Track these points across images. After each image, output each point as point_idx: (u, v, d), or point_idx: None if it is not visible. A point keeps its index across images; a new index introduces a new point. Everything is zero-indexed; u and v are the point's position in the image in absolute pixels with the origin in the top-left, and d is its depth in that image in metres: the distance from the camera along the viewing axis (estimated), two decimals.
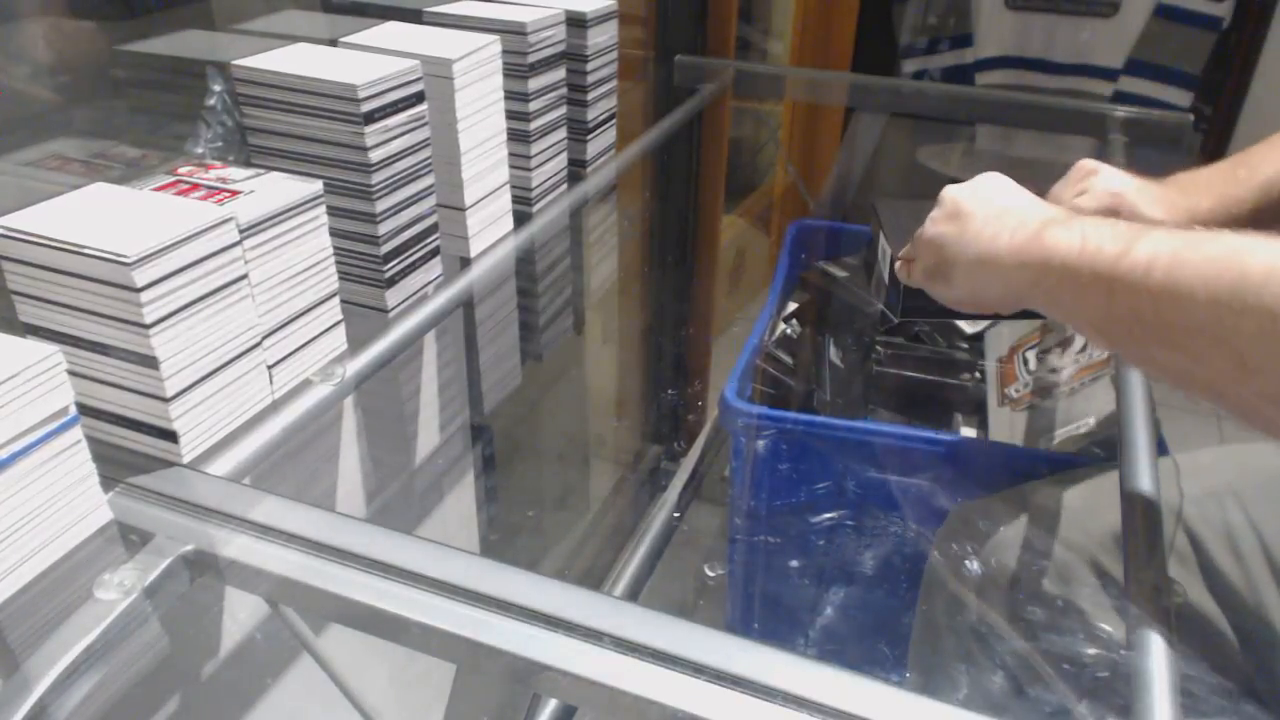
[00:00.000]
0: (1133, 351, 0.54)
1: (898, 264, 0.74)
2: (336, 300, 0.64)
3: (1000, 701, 0.74)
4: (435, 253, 0.73)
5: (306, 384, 0.61)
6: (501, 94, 0.76)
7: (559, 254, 0.98)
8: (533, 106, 0.82)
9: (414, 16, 0.79)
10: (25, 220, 0.50)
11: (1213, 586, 0.69)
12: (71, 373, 0.47)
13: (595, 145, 0.95)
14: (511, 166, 0.81)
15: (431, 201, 0.71)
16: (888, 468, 1.00)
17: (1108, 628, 0.70)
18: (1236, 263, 0.44)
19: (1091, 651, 0.69)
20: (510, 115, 0.79)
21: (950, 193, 0.64)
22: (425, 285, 0.73)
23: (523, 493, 1.28)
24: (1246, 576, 0.68)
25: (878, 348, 1.23)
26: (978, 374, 1.19)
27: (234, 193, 0.57)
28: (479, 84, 0.73)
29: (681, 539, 1.15)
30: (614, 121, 0.98)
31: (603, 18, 0.90)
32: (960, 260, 0.61)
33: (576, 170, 0.94)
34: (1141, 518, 0.56)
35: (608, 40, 0.92)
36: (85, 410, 0.53)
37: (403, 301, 0.70)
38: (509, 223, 0.82)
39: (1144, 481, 0.59)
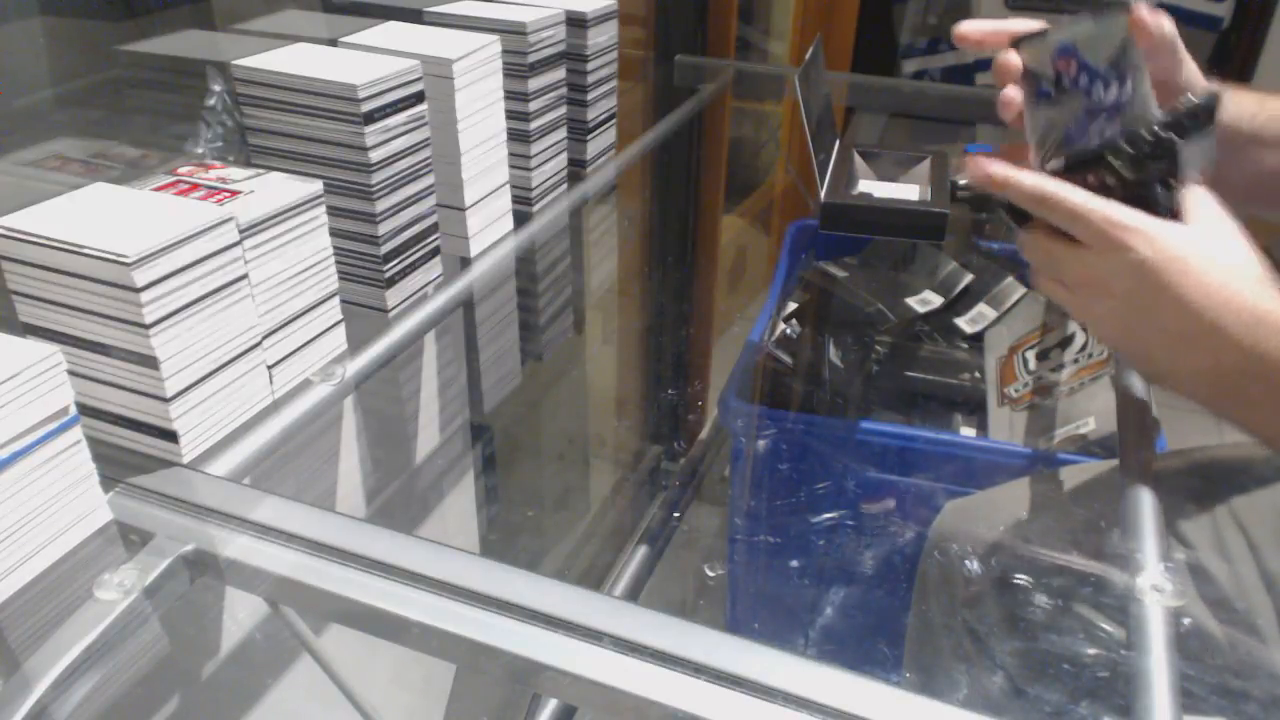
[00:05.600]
0: None
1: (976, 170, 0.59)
2: (336, 300, 0.64)
3: (998, 701, 0.74)
4: (435, 253, 0.73)
5: (306, 384, 0.61)
6: (501, 94, 0.76)
7: (559, 254, 0.98)
8: (533, 106, 0.82)
9: (414, 16, 0.79)
10: (25, 220, 0.50)
11: (1201, 590, 0.68)
12: (71, 373, 0.47)
13: (595, 145, 0.95)
14: (511, 166, 0.81)
15: (431, 201, 0.71)
16: (888, 468, 1.00)
17: (1107, 628, 0.70)
18: None
19: (1091, 651, 0.69)
20: (510, 115, 0.79)
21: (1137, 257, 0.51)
22: (425, 285, 0.73)
23: (523, 493, 1.28)
24: (1236, 580, 0.68)
25: (878, 348, 1.23)
26: (978, 374, 1.19)
27: (234, 193, 0.57)
28: (479, 84, 0.73)
29: (681, 539, 1.15)
30: (614, 121, 0.98)
31: (603, 18, 0.90)
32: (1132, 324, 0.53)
33: (576, 170, 0.94)
34: (1140, 517, 0.56)
35: (608, 40, 0.92)
36: (85, 410, 0.53)
37: (403, 301, 0.70)
38: (509, 223, 0.82)
39: (1143, 481, 0.59)
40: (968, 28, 0.62)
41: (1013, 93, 0.61)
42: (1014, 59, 0.60)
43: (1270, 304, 0.50)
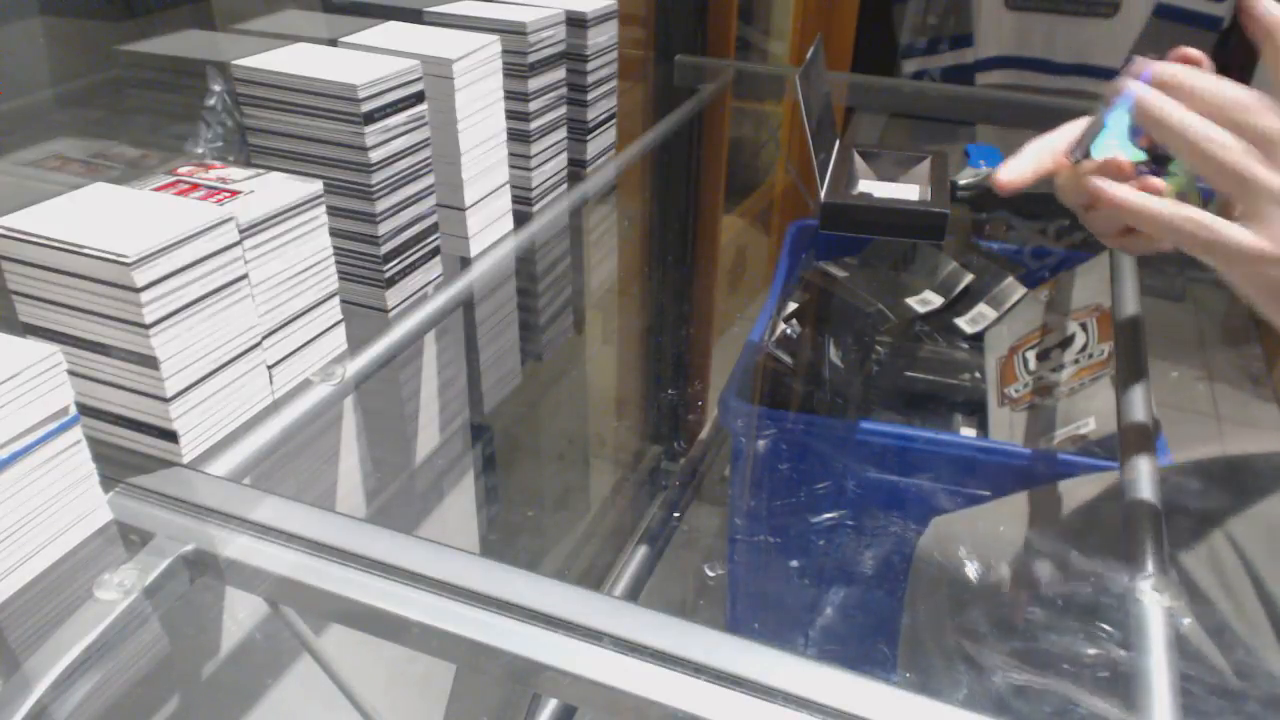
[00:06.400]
0: None
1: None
2: (336, 300, 0.64)
3: (993, 705, 0.74)
4: (435, 253, 0.73)
5: (306, 384, 0.61)
6: (501, 94, 0.76)
7: (559, 254, 0.98)
8: (533, 106, 0.82)
9: (414, 16, 0.79)
10: (25, 220, 0.50)
11: (1194, 603, 0.68)
12: (71, 373, 0.47)
13: (595, 145, 0.95)
14: (511, 166, 0.81)
15: (431, 201, 0.71)
16: (888, 468, 1.00)
17: (1107, 628, 0.70)
18: None
19: (1091, 651, 0.69)
20: (510, 115, 0.79)
21: None
22: (425, 285, 0.73)
23: (523, 493, 1.28)
24: (1230, 594, 0.67)
25: (878, 348, 1.23)
26: (978, 374, 1.19)
27: (234, 193, 0.57)
28: (479, 84, 0.73)
29: (681, 539, 1.15)
30: (614, 121, 0.98)
31: (603, 18, 0.90)
32: None
33: (576, 170, 0.94)
34: (1141, 519, 0.56)
35: (608, 40, 0.92)
36: (85, 410, 0.53)
37: (403, 301, 0.70)
38: (509, 223, 0.82)
39: (1144, 482, 0.59)
40: (1009, 176, 0.59)
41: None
42: (1121, 164, 0.57)
43: None
